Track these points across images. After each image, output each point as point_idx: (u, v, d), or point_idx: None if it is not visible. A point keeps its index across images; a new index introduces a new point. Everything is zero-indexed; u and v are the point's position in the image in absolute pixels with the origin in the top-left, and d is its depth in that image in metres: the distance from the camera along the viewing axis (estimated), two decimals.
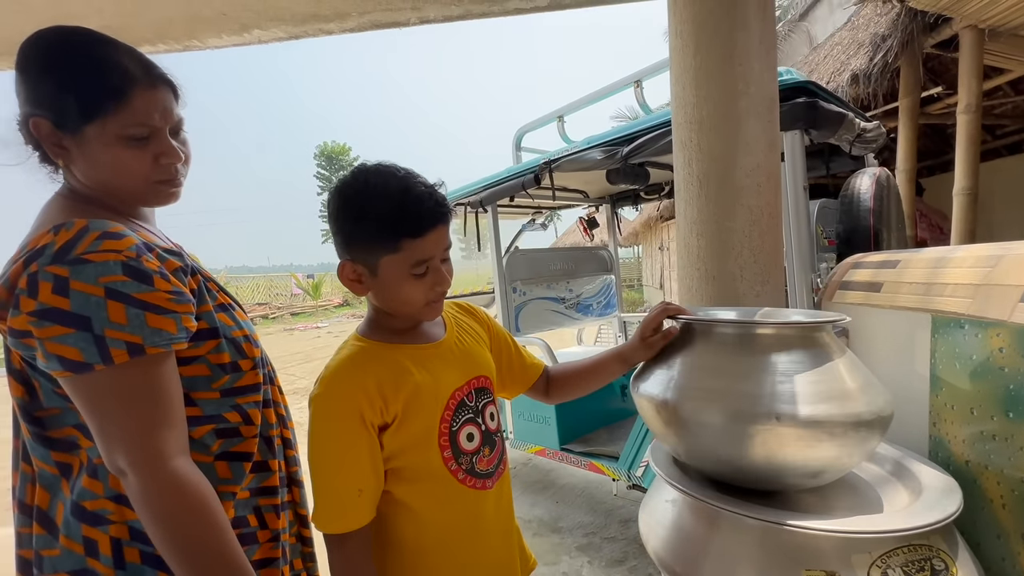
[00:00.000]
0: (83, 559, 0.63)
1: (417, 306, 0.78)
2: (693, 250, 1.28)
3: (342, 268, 0.77)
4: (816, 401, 0.67)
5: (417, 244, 0.73)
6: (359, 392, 0.73)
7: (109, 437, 0.60)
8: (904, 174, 3.62)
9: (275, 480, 0.77)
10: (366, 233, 0.73)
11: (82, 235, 0.60)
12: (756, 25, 1.21)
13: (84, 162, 0.66)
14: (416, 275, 0.75)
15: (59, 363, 0.58)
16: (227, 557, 0.62)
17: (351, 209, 0.74)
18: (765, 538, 0.67)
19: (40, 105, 0.64)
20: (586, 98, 2.57)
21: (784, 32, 9.47)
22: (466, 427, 0.82)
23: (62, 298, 0.57)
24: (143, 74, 0.67)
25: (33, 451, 0.66)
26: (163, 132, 0.69)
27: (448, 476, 0.79)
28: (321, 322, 14.55)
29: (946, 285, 0.87)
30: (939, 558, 0.62)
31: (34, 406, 0.65)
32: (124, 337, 0.59)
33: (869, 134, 1.77)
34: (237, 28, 1.63)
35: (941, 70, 4.38)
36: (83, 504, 0.63)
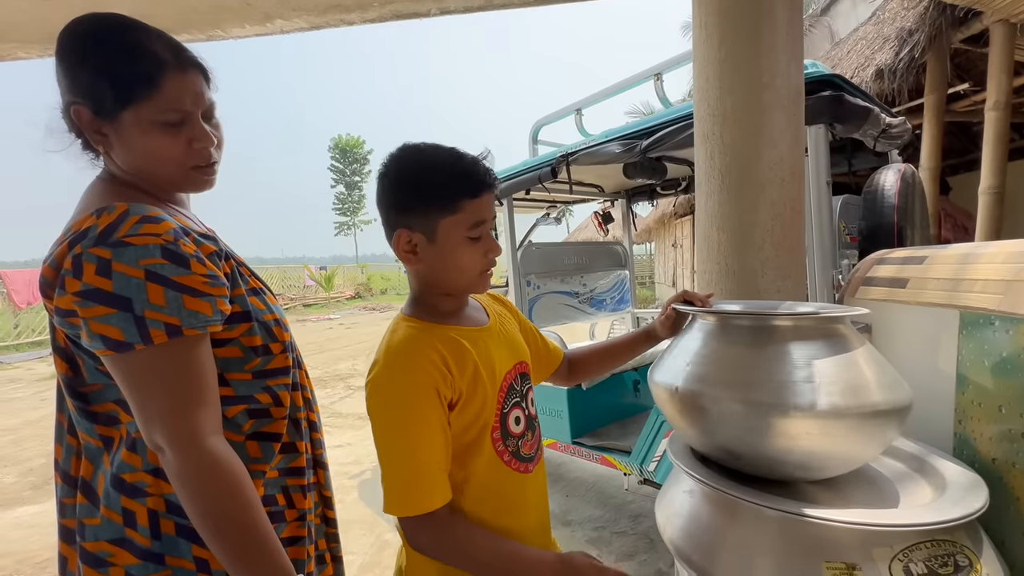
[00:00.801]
0: (122, 529, 0.65)
1: (472, 274, 0.78)
2: (713, 244, 1.27)
3: (397, 238, 0.76)
4: (834, 391, 0.66)
5: (474, 204, 0.74)
6: (431, 366, 0.72)
7: (147, 414, 0.62)
8: (928, 172, 3.54)
9: (302, 461, 0.79)
10: (425, 197, 0.74)
11: (123, 218, 0.62)
12: (783, 15, 1.19)
13: (122, 149, 0.68)
14: (472, 238, 0.76)
15: (102, 342, 0.60)
16: (258, 532, 0.64)
17: (408, 176, 0.75)
18: (785, 529, 0.67)
19: (79, 93, 0.66)
20: (605, 91, 2.55)
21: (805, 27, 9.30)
22: (514, 411, 0.83)
23: (105, 279, 0.59)
24: (173, 58, 0.68)
25: (78, 424, 0.68)
26: (195, 116, 0.70)
27: (496, 458, 0.79)
28: (333, 314, 14.69)
29: (976, 281, 0.85)
30: (963, 554, 0.61)
31: (78, 382, 0.67)
32: (163, 318, 0.61)
33: (894, 130, 1.74)
34: (260, 18, 1.64)
35: (969, 66, 4.27)
36: (122, 476, 0.65)
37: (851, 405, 0.65)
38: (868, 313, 0.75)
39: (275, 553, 0.65)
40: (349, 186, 38.13)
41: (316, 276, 19.46)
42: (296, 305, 16.33)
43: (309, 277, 19.14)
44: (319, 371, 6.58)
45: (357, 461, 3.48)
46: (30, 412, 5.03)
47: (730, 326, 0.78)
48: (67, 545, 0.69)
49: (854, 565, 0.60)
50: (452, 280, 0.79)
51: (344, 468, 3.35)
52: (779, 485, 0.76)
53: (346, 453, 3.65)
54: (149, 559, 0.65)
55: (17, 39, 1.71)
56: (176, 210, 0.74)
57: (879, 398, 0.67)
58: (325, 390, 5.58)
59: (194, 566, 0.66)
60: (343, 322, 12.50)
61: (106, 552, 0.65)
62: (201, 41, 1.86)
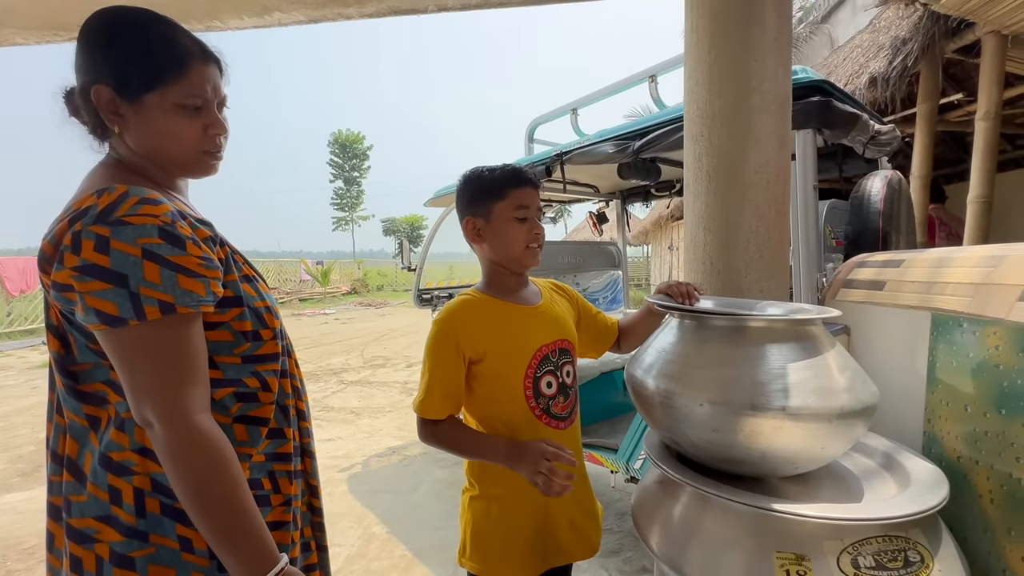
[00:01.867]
0: (108, 506, 0.66)
1: (520, 247, 1.01)
2: (700, 244, 1.30)
3: (465, 225, 1.04)
4: (802, 392, 0.68)
5: (518, 192, 1.00)
6: (453, 327, 0.98)
7: (138, 389, 0.63)
8: (919, 180, 3.58)
9: (289, 448, 0.80)
10: (483, 190, 1.01)
11: (123, 199, 0.64)
12: (772, 21, 1.21)
13: (138, 129, 0.71)
14: (519, 219, 1.00)
15: (96, 316, 0.61)
16: (243, 510, 0.65)
17: (473, 178, 1.03)
18: (742, 520, 0.69)
19: (102, 74, 0.69)
20: (601, 92, 2.57)
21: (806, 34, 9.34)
22: (546, 376, 1.03)
23: (103, 256, 0.61)
24: (199, 50, 0.74)
25: (65, 403, 0.69)
26: (212, 105, 0.75)
27: (528, 411, 1.00)
28: (329, 308, 14.67)
29: (947, 284, 0.88)
30: (915, 550, 0.63)
31: (69, 360, 0.68)
32: (157, 296, 0.63)
33: (883, 137, 1.76)
34: (258, 10, 1.65)
35: (962, 76, 4.32)
36: (110, 455, 0.67)
37: (825, 407, 0.67)
38: (839, 315, 0.77)
39: (260, 531, 0.67)
40: (348, 181, 38.02)
41: (312, 271, 19.41)
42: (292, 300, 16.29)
43: (305, 272, 19.09)
44: (312, 365, 6.58)
45: (347, 455, 3.49)
46: (20, 400, 5.01)
47: (703, 326, 0.80)
48: (54, 522, 0.70)
49: (803, 556, 0.63)
50: (506, 253, 1.02)
51: (334, 461, 3.36)
52: (751, 480, 0.78)
53: (336, 447, 3.66)
54: (134, 536, 0.66)
55: (15, 25, 1.72)
56: (175, 196, 0.76)
57: (850, 399, 0.69)
58: (318, 384, 5.58)
59: (178, 544, 0.68)
60: (338, 317, 12.49)
61: (92, 529, 0.66)
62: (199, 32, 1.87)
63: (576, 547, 1.05)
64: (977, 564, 0.77)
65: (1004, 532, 0.73)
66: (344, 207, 38.44)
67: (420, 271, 3.74)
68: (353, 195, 38.39)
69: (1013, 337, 0.72)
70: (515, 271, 1.05)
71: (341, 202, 38.27)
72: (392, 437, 3.83)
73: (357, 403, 4.82)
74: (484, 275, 1.07)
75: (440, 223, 3.71)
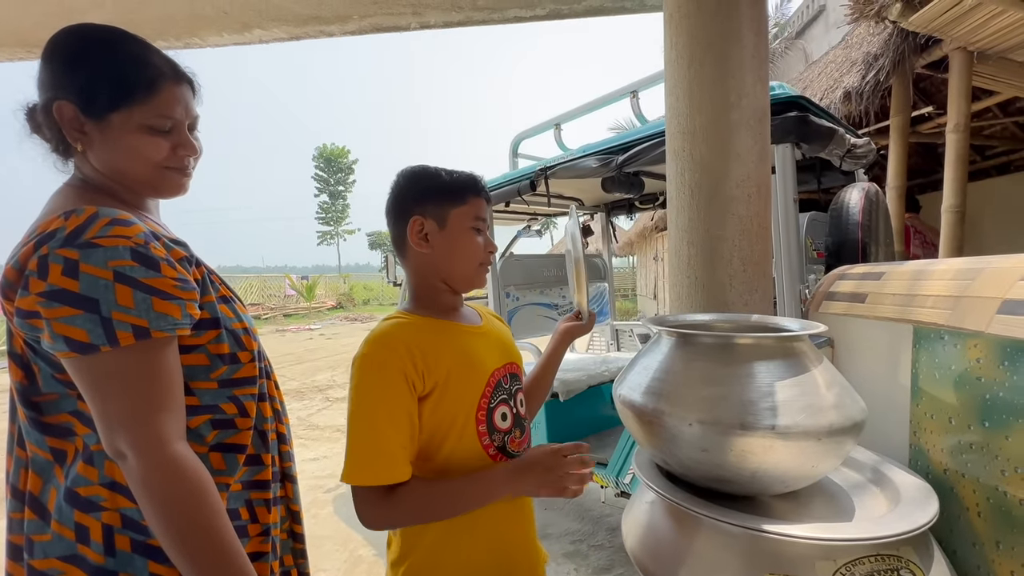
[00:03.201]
0: (74, 545, 0.63)
1: (474, 263, 0.90)
2: (684, 258, 1.30)
3: (412, 224, 0.87)
4: (791, 410, 0.67)
5: (478, 201, 0.89)
6: (404, 352, 0.78)
7: (110, 419, 0.60)
8: (894, 191, 3.67)
9: (268, 474, 0.77)
10: (440, 190, 0.87)
11: (92, 220, 0.61)
12: (749, 39, 1.24)
13: (103, 148, 0.69)
14: (476, 229, 0.89)
15: (65, 344, 0.58)
16: (223, 541, 0.62)
17: (427, 175, 0.89)
18: (733, 541, 0.68)
19: (67, 90, 0.66)
20: (584, 107, 2.60)
21: (781, 49, 9.62)
22: (501, 407, 0.88)
23: (71, 280, 0.58)
24: (170, 71, 0.72)
25: (28, 436, 0.66)
26: (183, 126, 0.74)
27: (482, 452, 0.84)
28: (314, 324, 14.48)
29: (928, 296, 0.89)
30: (907, 569, 0.62)
31: (32, 391, 0.65)
32: (131, 320, 0.60)
33: (859, 150, 1.80)
34: (238, 27, 1.64)
35: (932, 90, 4.46)
36: (77, 490, 0.63)
37: (815, 425, 0.66)
38: (826, 329, 0.77)
39: (239, 562, 0.64)
40: (333, 195, 37.84)
41: (297, 286, 19.19)
42: (277, 315, 16.05)
43: (290, 287, 18.87)
44: (297, 382, 6.46)
45: (332, 475, 3.41)
46: None
47: (690, 343, 0.79)
48: (14, 563, 0.66)
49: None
50: (456, 267, 0.89)
51: (319, 482, 3.28)
52: (742, 499, 0.77)
53: (321, 467, 3.58)
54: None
55: None
56: (146, 216, 0.73)
57: (835, 416, 0.68)
58: (303, 402, 5.48)
59: None
60: (324, 332, 12.33)
61: (56, 570, 0.63)
62: (178, 49, 1.84)
63: None
64: None
65: (992, 546, 0.73)
66: (329, 221, 38.21)
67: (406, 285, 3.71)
68: (338, 209, 38.20)
69: (993, 350, 0.72)
70: (457, 290, 0.91)
71: (326, 216, 38.04)
72: None
73: (343, 420, 4.72)
74: (414, 293, 0.91)
75: None
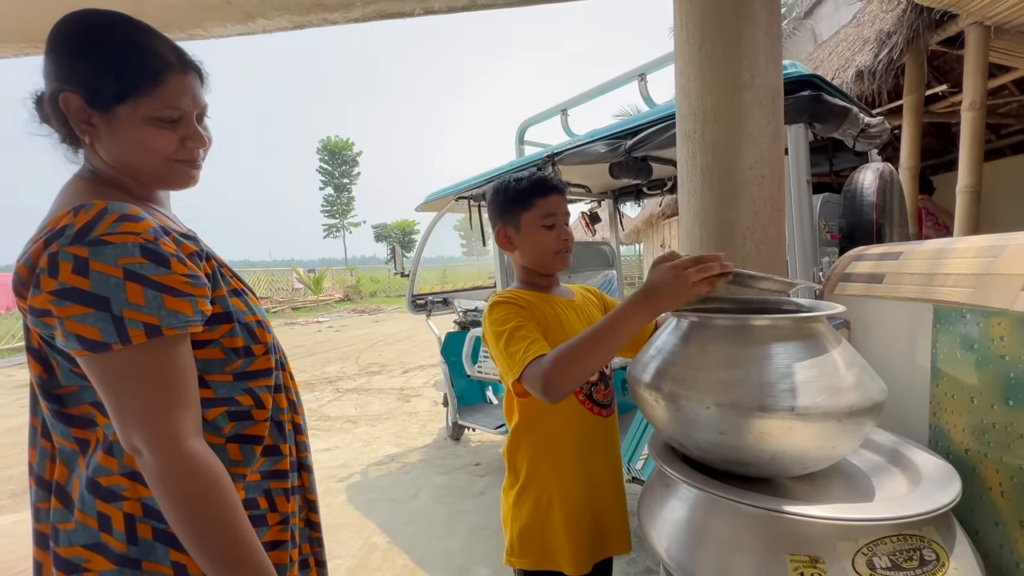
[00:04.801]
0: (97, 534, 0.64)
1: (550, 253, 1.06)
2: (696, 241, 1.28)
3: (497, 233, 1.09)
4: (811, 391, 0.67)
5: (544, 201, 1.04)
6: (519, 299, 1.01)
7: (125, 416, 0.61)
8: (908, 171, 3.61)
9: (285, 464, 0.78)
10: (511, 200, 1.06)
11: (101, 216, 0.60)
12: (762, 16, 1.21)
13: (111, 140, 0.68)
14: (546, 226, 1.04)
15: (78, 342, 0.59)
16: (239, 536, 0.63)
17: (500, 190, 1.08)
18: (753, 523, 0.68)
19: (72, 82, 0.65)
20: (591, 91, 2.57)
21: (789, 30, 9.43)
22: None
23: (82, 278, 0.58)
24: (177, 60, 0.70)
25: (53, 428, 0.66)
26: (191, 116, 0.72)
27: (573, 398, 1.02)
28: (322, 316, 14.57)
29: (948, 275, 0.87)
30: (930, 548, 0.62)
31: (52, 384, 0.65)
32: (142, 318, 0.60)
33: (873, 129, 1.77)
34: (242, 17, 1.63)
35: (946, 68, 4.37)
36: (98, 480, 0.64)
37: (834, 406, 0.66)
38: (844, 310, 0.76)
39: (257, 556, 0.65)
40: (338, 188, 37.83)
41: (304, 279, 19.28)
42: (284, 308, 16.17)
43: (297, 280, 18.96)
44: (307, 374, 6.52)
45: (345, 464, 3.45)
46: (8, 419, 4.92)
47: (707, 326, 0.79)
48: (41, 551, 0.67)
49: (817, 558, 0.61)
50: (536, 259, 1.07)
51: (332, 471, 3.32)
52: (760, 481, 0.76)
53: (334, 457, 3.62)
54: (125, 564, 0.64)
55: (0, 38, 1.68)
56: (156, 209, 0.73)
57: (859, 396, 0.67)
58: (313, 393, 5.53)
59: (171, 571, 0.65)
60: (332, 325, 12.41)
61: (81, 558, 0.64)
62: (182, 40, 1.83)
63: (621, 539, 1.07)
64: (990, 558, 0.76)
65: (1016, 525, 0.72)
66: (335, 214, 38.24)
67: (414, 276, 3.71)
68: (343, 202, 38.21)
69: (1018, 327, 0.71)
70: (546, 274, 1.10)
71: (331, 209, 38.08)
72: (390, 445, 3.79)
73: (354, 411, 4.78)
74: (518, 277, 1.12)
75: (433, 228, 3.69)
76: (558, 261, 1.07)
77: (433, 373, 6.08)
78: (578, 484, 1.02)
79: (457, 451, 3.56)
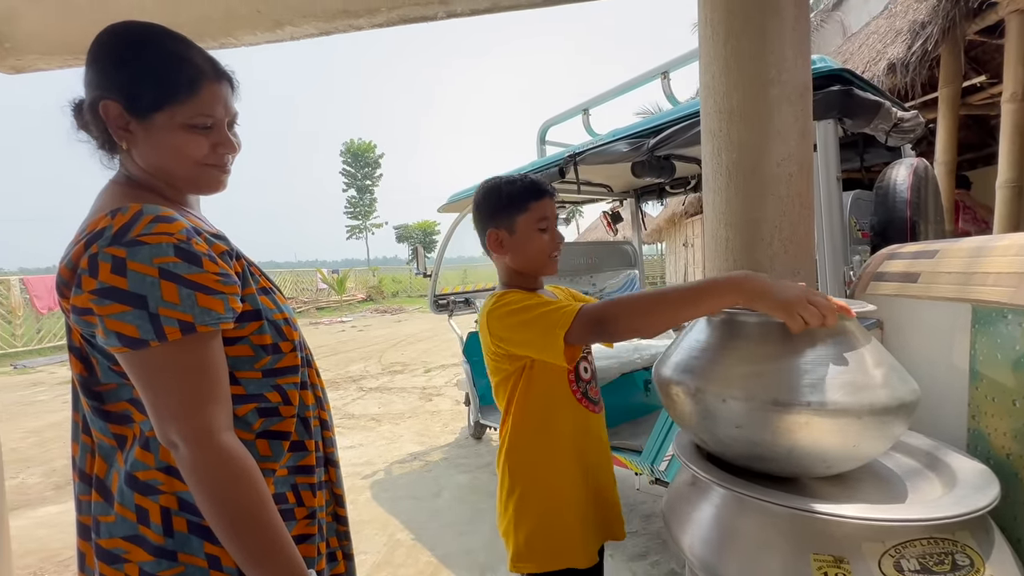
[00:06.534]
0: (135, 526, 0.66)
1: (543, 257, 1.05)
2: (722, 241, 1.27)
3: (489, 236, 1.06)
4: (839, 389, 0.65)
5: (539, 204, 1.04)
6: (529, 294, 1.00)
7: (162, 410, 0.63)
8: (944, 166, 3.48)
9: (312, 459, 0.80)
10: (505, 203, 1.04)
11: (137, 218, 0.63)
12: (789, 11, 1.19)
13: (147, 145, 0.71)
14: (541, 230, 1.04)
15: (117, 339, 0.61)
16: (271, 527, 0.65)
17: (494, 191, 1.06)
18: (777, 521, 0.67)
19: (112, 90, 0.68)
20: (613, 90, 2.55)
21: (816, 22, 9.18)
22: (583, 362, 1.09)
23: (120, 277, 0.61)
24: (211, 69, 0.73)
25: (92, 424, 0.70)
26: (223, 123, 0.75)
27: (570, 393, 1.05)
28: (346, 316, 14.82)
29: (988, 274, 0.84)
30: (964, 553, 0.60)
31: (92, 381, 0.68)
32: (177, 315, 0.62)
33: (906, 123, 1.71)
34: (271, 25, 1.67)
35: (985, 58, 4.19)
36: (135, 474, 0.67)
37: (855, 403, 0.65)
38: (876, 309, 0.74)
39: (288, 548, 0.67)
40: (360, 190, 38.39)
41: (328, 279, 19.62)
42: (309, 308, 16.49)
43: (322, 280, 19.31)
44: (332, 373, 6.64)
45: (369, 462, 3.50)
46: (52, 415, 5.15)
47: (735, 323, 0.78)
48: (84, 541, 0.70)
49: (842, 558, 0.60)
50: (530, 263, 1.06)
51: (356, 469, 3.38)
52: (788, 481, 0.75)
53: (358, 454, 3.68)
54: (162, 556, 0.66)
55: (38, 51, 1.76)
56: (188, 211, 0.76)
57: (884, 395, 0.66)
58: (338, 391, 5.63)
59: (206, 563, 0.67)
60: (355, 324, 12.60)
61: (121, 549, 0.66)
62: (215, 49, 1.90)
63: (619, 525, 1.11)
64: None
65: None
66: (357, 215, 38.82)
67: (435, 276, 3.74)
68: (366, 203, 38.75)
69: None
70: (535, 277, 1.10)
71: (354, 210, 38.66)
72: (413, 443, 3.84)
73: (377, 410, 4.85)
74: (507, 281, 1.10)
75: (454, 228, 3.72)
76: (551, 264, 1.07)
77: (455, 372, 6.13)
78: (582, 479, 1.04)
79: (479, 450, 3.58)
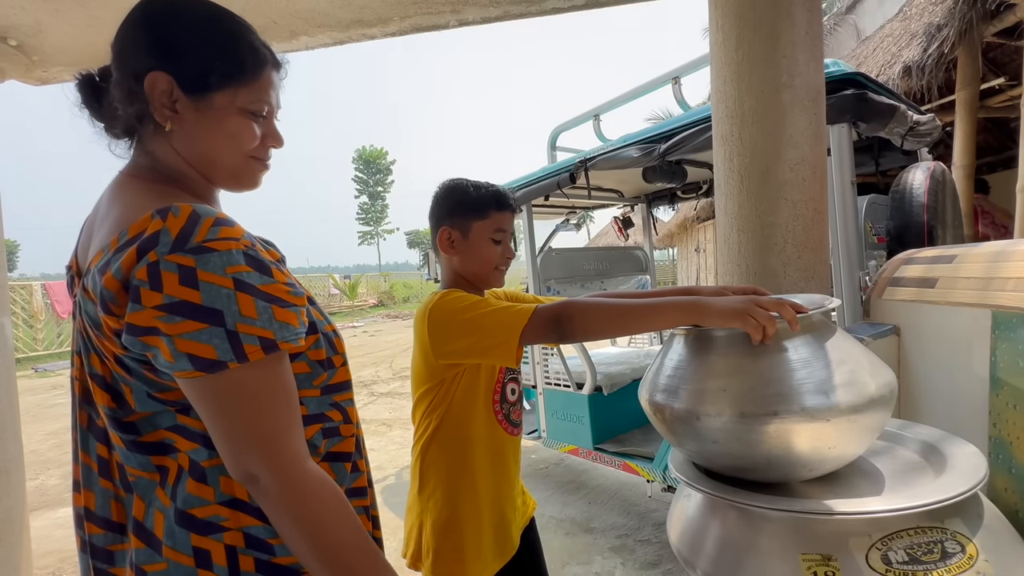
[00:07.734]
0: (194, 571, 0.57)
1: (490, 267, 1.04)
2: (734, 246, 1.26)
3: (441, 233, 1.03)
4: (805, 395, 0.64)
5: (499, 216, 1.02)
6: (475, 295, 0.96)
7: (239, 441, 0.55)
8: (962, 170, 3.42)
9: (364, 480, 0.73)
10: (466, 205, 1.02)
11: (196, 221, 0.54)
12: (802, 15, 1.18)
13: (197, 128, 0.62)
14: (495, 240, 1.02)
15: (190, 362, 0.52)
16: (368, 552, 0.59)
17: (457, 191, 1.03)
18: (762, 525, 0.66)
19: (167, 61, 0.59)
20: (624, 96, 2.56)
21: (830, 26, 9.12)
22: (510, 383, 1.07)
23: (192, 290, 0.52)
24: (271, 54, 0.66)
25: (127, 461, 0.60)
26: (273, 114, 0.68)
27: (492, 416, 1.03)
28: (357, 322, 14.92)
29: (1008, 279, 0.83)
30: (954, 540, 0.58)
31: (124, 412, 0.59)
32: (257, 332, 0.54)
33: (922, 127, 1.69)
34: (286, 35, 1.71)
35: (1003, 60, 4.12)
36: (190, 512, 0.57)
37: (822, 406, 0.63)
38: (837, 304, 0.73)
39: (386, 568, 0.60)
40: (372, 196, 38.77)
41: (340, 285, 19.80)
42: None
43: (334, 286, 19.49)
44: None
45: (380, 467, 3.52)
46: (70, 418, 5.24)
47: (704, 337, 0.76)
48: None
49: (829, 556, 0.59)
50: (475, 270, 1.04)
51: None
52: (778, 486, 0.74)
53: (370, 459, 3.70)
54: None
55: (63, 63, 1.82)
56: None
57: (852, 394, 0.64)
58: None
59: None
60: (367, 330, 12.69)
61: None
62: None
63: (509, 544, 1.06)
64: None
65: None
66: (369, 221, 39.18)
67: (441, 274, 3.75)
68: (378, 209, 39.10)
69: None
70: (478, 286, 1.06)
71: (366, 216, 39.02)
72: None
73: (388, 415, 4.86)
74: (450, 282, 1.06)
75: None
76: (496, 276, 1.05)
77: None
78: (488, 498, 1.02)
79: None
